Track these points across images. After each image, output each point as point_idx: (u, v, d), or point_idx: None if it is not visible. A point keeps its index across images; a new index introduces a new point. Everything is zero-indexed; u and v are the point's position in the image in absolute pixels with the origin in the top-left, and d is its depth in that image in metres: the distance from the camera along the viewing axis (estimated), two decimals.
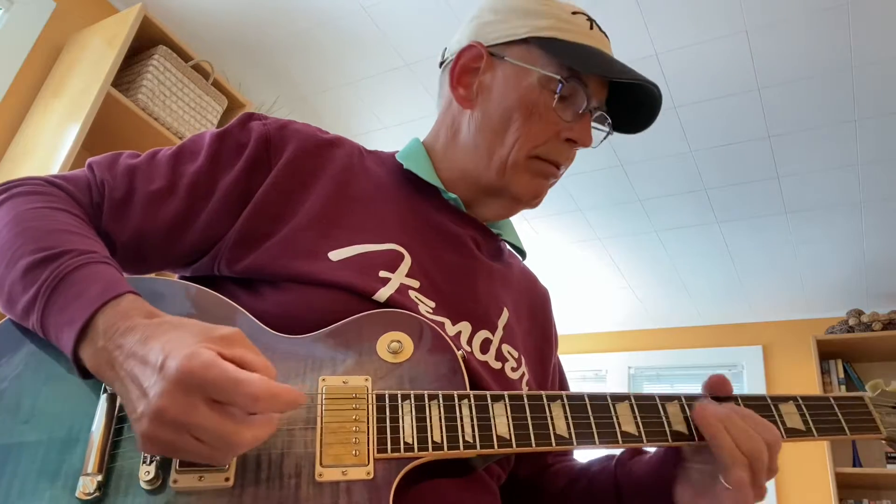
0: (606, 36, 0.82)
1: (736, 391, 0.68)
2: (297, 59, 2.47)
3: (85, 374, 0.54)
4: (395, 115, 2.67)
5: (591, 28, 0.79)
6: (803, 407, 0.68)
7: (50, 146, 1.85)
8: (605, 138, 0.84)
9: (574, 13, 0.79)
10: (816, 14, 1.98)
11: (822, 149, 2.52)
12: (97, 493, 0.51)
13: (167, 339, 0.49)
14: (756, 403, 0.68)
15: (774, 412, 0.67)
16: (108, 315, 0.53)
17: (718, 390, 0.68)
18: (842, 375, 3.42)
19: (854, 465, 3.26)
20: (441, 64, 0.87)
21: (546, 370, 0.86)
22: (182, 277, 0.76)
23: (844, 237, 3.06)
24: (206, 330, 0.50)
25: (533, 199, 0.81)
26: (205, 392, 0.46)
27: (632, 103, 0.82)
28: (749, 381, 3.84)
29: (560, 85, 0.75)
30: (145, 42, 2.03)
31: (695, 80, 2.29)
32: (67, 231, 0.60)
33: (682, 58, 2.21)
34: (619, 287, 3.80)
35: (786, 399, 0.69)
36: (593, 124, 0.82)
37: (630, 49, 2.18)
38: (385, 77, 2.49)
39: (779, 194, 2.81)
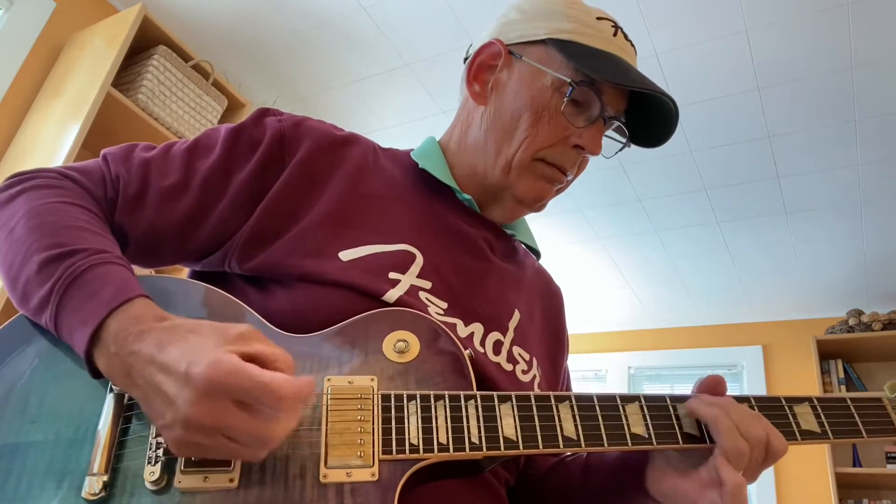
0: (632, 45, 0.80)
1: (736, 391, 0.66)
2: (297, 59, 2.46)
3: (96, 374, 0.54)
4: (395, 115, 2.67)
5: (615, 35, 0.77)
6: (819, 408, 0.66)
7: (50, 146, 1.85)
8: (620, 150, 0.82)
9: (599, 18, 0.78)
10: (816, 14, 1.98)
11: (822, 149, 2.52)
12: (103, 494, 0.51)
13: (186, 346, 0.49)
14: (770, 405, 0.66)
15: (789, 413, 0.66)
16: (119, 319, 0.52)
17: (713, 391, 0.65)
18: (842, 375, 3.42)
19: (854, 465, 3.26)
20: (465, 60, 0.86)
21: (558, 372, 0.85)
22: (192, 272, 0.76)
23: (844, 237, 3.06)
24: (221, 331, 0.50)
25: (535, 203, 0.80)
26: (232, 396, 0.47)
27: (649, 116, 0.80)
28: (749, 381, 3.84)
29: (570, 88, 0.74)
30: (145, 42, 2.03)
31: (695, 80, 2.29)
32: (81, 228, 0.60)
33: (682, 58, 2.20)
34: (619, 287, 3.80)
35: (801, 400, 0.67)
36: (609, 134, 0.80)
37: None
38: (385, 77, 2.48)
39: (779, 194, 2.81)
